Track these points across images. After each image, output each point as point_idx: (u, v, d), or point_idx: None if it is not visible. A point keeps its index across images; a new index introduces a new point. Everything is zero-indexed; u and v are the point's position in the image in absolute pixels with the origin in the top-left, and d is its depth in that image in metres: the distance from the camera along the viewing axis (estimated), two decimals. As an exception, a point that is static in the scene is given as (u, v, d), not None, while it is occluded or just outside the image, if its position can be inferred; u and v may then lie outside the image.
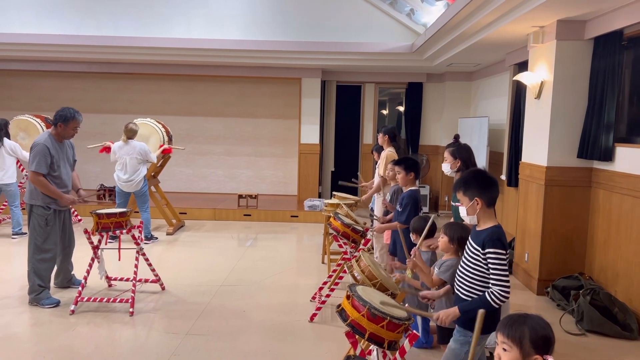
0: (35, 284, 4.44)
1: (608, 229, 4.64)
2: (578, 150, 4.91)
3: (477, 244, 2.43)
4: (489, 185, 2.46)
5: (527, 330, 1.61)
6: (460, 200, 2.54)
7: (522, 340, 1.61)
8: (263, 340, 3.91)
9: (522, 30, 5.30)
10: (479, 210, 2.45)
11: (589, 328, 4.18)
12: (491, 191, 2.46)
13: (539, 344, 1.60)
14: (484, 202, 2.44)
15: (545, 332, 1.62)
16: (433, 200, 9.70)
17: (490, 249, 2.35)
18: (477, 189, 2.46)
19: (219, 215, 8.47)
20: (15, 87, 9.87)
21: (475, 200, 2.45)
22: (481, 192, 2.45)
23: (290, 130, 9.97)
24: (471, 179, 2.49)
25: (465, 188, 2.49)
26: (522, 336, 1.61)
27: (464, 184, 2.50)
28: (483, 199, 2.44)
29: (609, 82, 4.52)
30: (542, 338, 1.60)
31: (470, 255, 2.46)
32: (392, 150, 5.75)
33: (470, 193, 2.47)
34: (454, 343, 2.53)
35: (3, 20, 8.37)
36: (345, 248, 4.38)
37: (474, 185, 2.47)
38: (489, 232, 2.40)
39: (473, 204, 2.46)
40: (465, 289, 2.47)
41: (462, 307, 2.44)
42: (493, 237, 2.37)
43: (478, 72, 8.89)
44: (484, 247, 2.38)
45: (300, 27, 8.46)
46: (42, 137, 4.49)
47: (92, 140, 9.68)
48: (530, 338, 1.60)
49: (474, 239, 2.48)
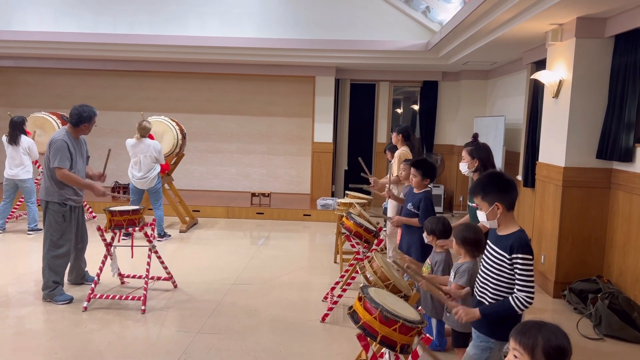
0: (50, 280, 4.47)
1: (628, 232, 4.53)
2: (597, 150, 4.80)
3: (501, 249, 2.36)
4: (508, 189, 2.40)
5: (541, 339, 1.56)
6: (479, 205, 2.47)
7: (534, 348, 1.56)
8: (274, 339, 3.89)
9: (540, 28, 5.20)
10: (500, 214, 2.39)
11: (607, 333, 4.08)
12: (511, 195, 2.40)
13: (551, 354, 1.54)
14: (504, 207, 2.38)
15: (559, 342, 1.55)
16: (447, 200, 9.60)
17: (519, 254, 2.30)
18: (496, 193, 2.40)
19: (232, 213, 8.47)
20: (33, 85, 9.99)
21: (495, 205, 2.39)
22: (501, 197, 2.39)
23: (303, 129, 9.94)
24: (489, 183, 2.43)
25: (484, 193, 2.43)
26: (535, 345, 1.56)
27: (482, 189, 2.44)
28: (503, 203, 2.38)
29: (629, 81, 4.41)
30: (555, 348, 1.54)
31: (494, 261, 2.39)
32: (406, 149, 5.70)
33: (490, 198, 2.40)
34: (474, 349, 2.47)
35: (21, 18, 8.47)
36: (357, 248, 4.34)
37: (493, 190, 2.40)
38: (516, 238, 2.34)
39: (493, 209, 2.40)
40: (490, 294, 2.40)
41: (484, 310, 2.38)
42: (522, 242, 2.31)
43: (494, 71, 8.77)
44: (511, 252, 2.32)
45: (315, 25, 8.43)
46: (59, 133, 4.51)
47: (106, 138, 9.80)
48: (542, 347, 1.55)
49: (496, 243, 2.41)
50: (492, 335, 2.38)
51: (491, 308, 2.37)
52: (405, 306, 2.56)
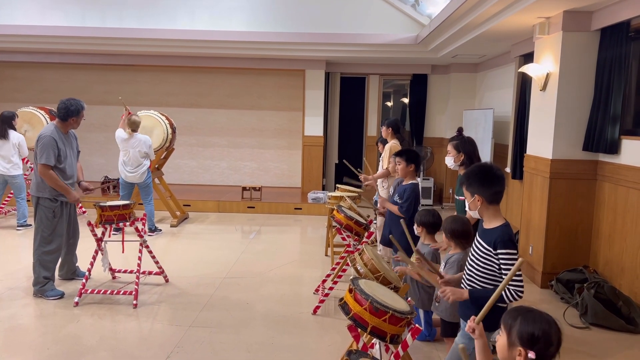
0: (41, 275, 4.46)
1: (613, 222, 4.61)
2: (584, 142, 4.87)
3: (486, 243, 2.39)
4: (489, 183, 2.40)
5: (518, 323, 1.63)
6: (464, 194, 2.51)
7: (511, 329, 1.64)
8: (266, 332, 3.92)
9: (528, 22, 5.25)
10: (480, 206, 2.42)
11: (592, 321, 4.16)
12: (491, 189, 2.39)
13: (524, 339, 1.61)
14: (484, 199, 2.40)
15: (534, 329, 1.60)
16: (437, 193, 9.67)
17: (502, 250, 2.33)
18: (477, 185, 2.41)
19: (223, 208, 8.48)
20: (20, 79, 9.89)
21: (475, 197, 2.42)
22: (481, 190, 2.40)
23: (294, 123, 9.95)
24: (473, 175, 2.44)
25: (467, 183, 2.45)
26: (512, 326, 1.64)
27: (466, 178, 2.47)
28: (483, 196, 2.40)
29: (615, 74, 4.47)
30: (528, 334, 1.60)
31: (479, 254, 2.42)
32: (396, 142, 5.73)
33: (472, 189, 2.44)
34: (461, 338, 2.51)
35: (7, 12, 8.36)
36: (348, 241, 4.37)
37: (475, 182, 2.42)
38: (499, 233, 2.35)
39: (474, 200, 2.43)
40: (477, 286, 2.44)
41: (473, 293, 2.39)
42: (504, 237, 2.33)
43: (483, 64, 8.82)
44: (495, 247, 2.35)
45: (304, 18, 8.41)
46: (47, 129, 4.48)
47: (96, 133, 9.74)
48: (517, 330, 1.62)
49: (482, 237, 2.44)
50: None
51: (480, 292, 2.39)
52: (395, 297, 2.60)
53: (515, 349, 1.62)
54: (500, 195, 2.43)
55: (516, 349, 1.62)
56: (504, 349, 1.66)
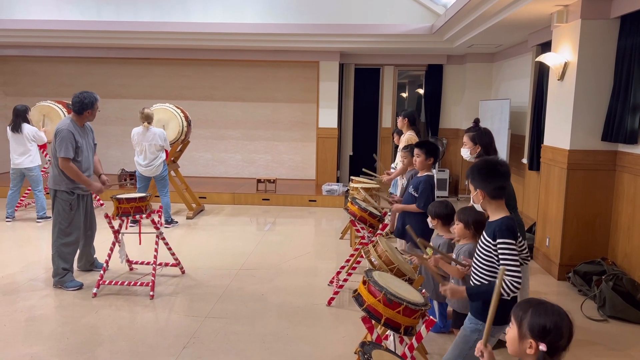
0: (60, 267, 4.54)
1: (633, 214, 4.53)
2: (602, 132, 4.78)
3: (488, 234, 2.40)
4: (493, 178, 2.39)
5: (529, 314, 1.62)
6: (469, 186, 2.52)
7: (522, 321, 1.64)
8: (281, 323, 3.94)
9: (545, 10, 5.15)
10: (483, 201, 2.42)
11: (611, 314, 4.11)
12: (494, 184, 2.39)
13: (536, 330, 1.60)
14: (485, 194, 2.41)
15: (545, 321, 1.59)
16: (453, 185, 9.60)
17: (500, 239, 2.32)
18: (480, 180, 2.42)
19: (238, 200, 8.52)
20: (38, 74, 10.02)
21: (478, 191, 2.43)
22: (483, 184, 2.41)
23: (308, 115, 9.93)
24: (477, 169, 2.45)
25: (471, 177, 2.47)
26: (523, 318, 1.63)
27: (471, 172, 2.49)
28: (485, 190, 2.40)
29: (635, 63, 4.37)
30: (539, 326, 1.59)
31: (482, 247, 2.42)
32: (412, 134, 5.70)
33: (475, 183, 2.45)
34: (463, 330, 2.51)
35: (24, 8, 8.46)
36: (362, 233, 4.37)
37: (477, 176, 2.43)
38: (499, 223, 2.36)
39: (477, 194, 2.44)
40: (478, 279, 2.44)
41: (470, 289, 2.41)
42: (502, 227, 2.33)
43: (500, 54, 8.70)
44: (494, 237, 2.35)
45: (318, 9, 8.37)
46: (64, 122, 4.54)
47: (112, 126, 9.84)
48: (529, 322, 1.61)
49: (485, 230, 2.45)
50: (481, 317, 2.40)
51: (477, 288, 2.40)
52: (410, 289, 2.60)
53: (526, 341, 1.61)
54: (503, 191, 2.43)
55: (527, 341, 1.61)
56: (515, 341, 1.65)
